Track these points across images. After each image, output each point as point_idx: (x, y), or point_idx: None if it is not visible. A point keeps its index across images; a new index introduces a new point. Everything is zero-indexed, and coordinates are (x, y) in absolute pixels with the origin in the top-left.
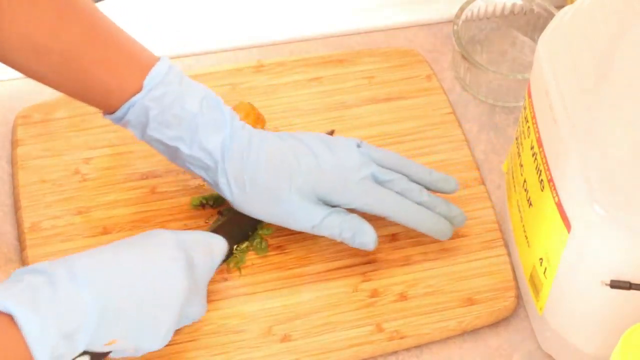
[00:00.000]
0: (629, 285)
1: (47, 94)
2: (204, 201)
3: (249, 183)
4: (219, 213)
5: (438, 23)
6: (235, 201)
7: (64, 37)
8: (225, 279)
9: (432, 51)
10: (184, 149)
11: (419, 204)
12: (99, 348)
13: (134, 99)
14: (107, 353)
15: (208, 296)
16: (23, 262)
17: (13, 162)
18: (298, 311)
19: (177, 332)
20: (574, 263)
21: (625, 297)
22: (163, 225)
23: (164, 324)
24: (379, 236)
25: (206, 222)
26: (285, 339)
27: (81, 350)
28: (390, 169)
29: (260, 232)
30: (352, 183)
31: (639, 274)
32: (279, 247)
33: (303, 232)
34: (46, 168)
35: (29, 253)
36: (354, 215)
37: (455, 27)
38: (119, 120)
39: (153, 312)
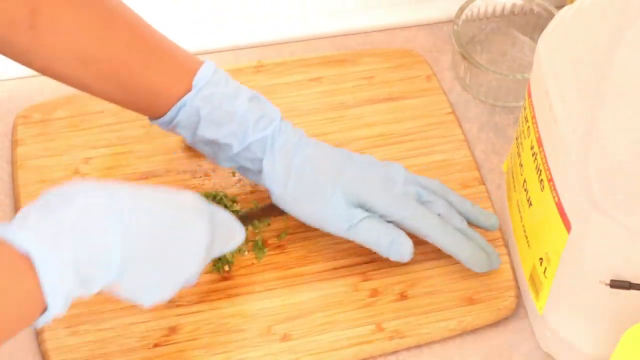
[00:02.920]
0: (628, 285)
1: (47, 94)
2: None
3: (294, 180)
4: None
5: (438, 23)
6: (276, 196)
7: (110, 45)
8: (225, 279)
9: (432, 51)
10: (236, 144)
11: (458, 230)
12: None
13: (184, 99)
14: None
15: (208, 295)
16: None
17: (13, 162)
18: (298, 310)
19: (177, 331)
20: (574, 263)
21: (625, 297)
22: None
23: (169, 287)
24: None
25: None
26: (285, 338)
27: (93, 294)
28: (434, 193)
29: (259, 224)
30: (396, 194)
31: (639, 274)
32: (279, 247)
33: (304, 232)
34: (46, 168)
35: None
36: (392, 225)
37: (455, 27)
38: (168, 124)
39: (166, 273)
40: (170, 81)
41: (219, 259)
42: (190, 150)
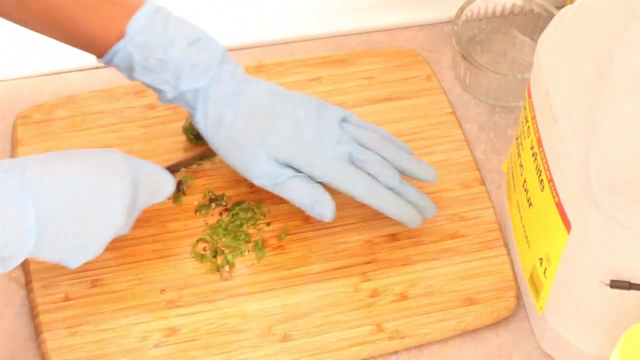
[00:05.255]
0: (629, 285)
1: (47, 94)
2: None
3: (225, 128)
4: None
5: (438, 23)
6: (209, 141)
7: None
8: (226, 279)
9: (432, 51)
10: (169, 91)
11: (389, 188)
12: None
13: (117, 45)
14: None
15: (208, 295)
16: (24, 263)
17: None
18: (298, 311)
19: (177, 332)
20: (574, 263)
21: (625, 297)
22: (164, 225)
23: (91, 251)
24: (378, 236)
25: (205, 223)
26: (285, 338)
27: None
28: (370, 149)
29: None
30: (325, 157)
31: (639, 274)
32: (279, 247)
33: (304, 232)
34: None
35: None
36: (318, 185)
37: (455, 27)
38: (108, 64)
39: (86, 239)
40: (106, 25)
41: (219, 258)
42: (190, 150)
